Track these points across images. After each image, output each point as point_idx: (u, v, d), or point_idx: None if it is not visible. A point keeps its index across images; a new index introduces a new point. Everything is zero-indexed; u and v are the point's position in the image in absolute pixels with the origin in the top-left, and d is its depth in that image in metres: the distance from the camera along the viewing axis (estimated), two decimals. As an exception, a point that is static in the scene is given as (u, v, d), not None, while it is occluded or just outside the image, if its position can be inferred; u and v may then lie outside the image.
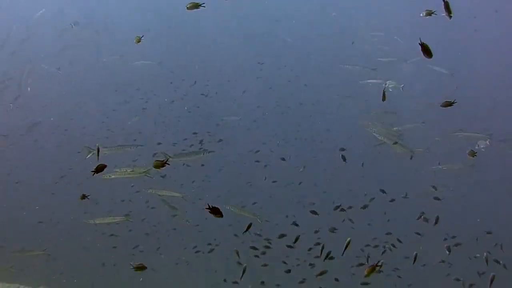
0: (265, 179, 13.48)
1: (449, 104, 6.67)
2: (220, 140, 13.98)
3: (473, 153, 9.57)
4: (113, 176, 8.11)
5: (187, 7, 6.34)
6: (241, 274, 8.60)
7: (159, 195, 9.89)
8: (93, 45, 19.04)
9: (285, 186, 13.99)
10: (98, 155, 7.50)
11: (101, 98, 17.64)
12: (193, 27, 20.61)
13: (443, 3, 5.42)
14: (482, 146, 11.80)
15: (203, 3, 6.26)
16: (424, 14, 6.23)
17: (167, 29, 21.30)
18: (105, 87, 18.03)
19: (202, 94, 16.69)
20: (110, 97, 17.63)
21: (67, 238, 13.20)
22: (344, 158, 10.83)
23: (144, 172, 8.23)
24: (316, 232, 11.57)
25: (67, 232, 13.21)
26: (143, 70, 17.35)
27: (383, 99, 8.34)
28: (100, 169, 6.46)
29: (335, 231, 10.63)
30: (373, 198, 11.35)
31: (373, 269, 5.83)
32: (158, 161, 6.52)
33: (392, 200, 11.10)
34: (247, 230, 8.04)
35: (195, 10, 6.36)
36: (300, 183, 12.84)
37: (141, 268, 6.75)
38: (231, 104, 17.55)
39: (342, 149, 11.18)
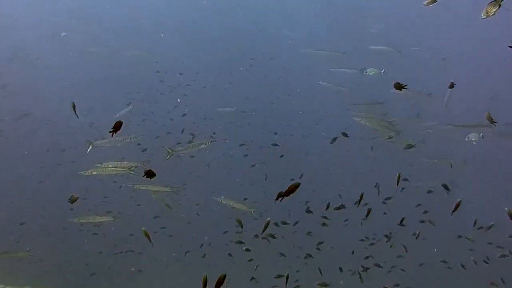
0: (265, 179, 13.23)
1: (400, 87, 6.27)
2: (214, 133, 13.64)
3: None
4: (94, 173, 7.58)
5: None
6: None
7: (153, 191, 9.53)
8: (80, 35, 18.47)
9: (276, 181, 13.73)
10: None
11: (88, 90, 17.13)
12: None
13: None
14: (473, 139, 11.52)
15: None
16: (426, 3, 5.97)
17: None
18: (91, 78, 17.54)
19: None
20: (98, 89, 17.17)
21: (53, 238, 12.83)
22: (345, 135, 10.62)
23: (129, 168, 7.69)
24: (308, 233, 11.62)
25: (53, 232, 12.83)
26: (132, 61, 16.90)
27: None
28: (117, 127, 5.51)
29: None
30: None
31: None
32: (150, 171, 6.15)
33: (388, 198, 10.90)
34: (264, 231, 7.89)
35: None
36: (291, 179, 12.52)
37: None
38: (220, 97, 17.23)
39: (344, 134, 10.76)
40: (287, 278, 8.01)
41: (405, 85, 6.15)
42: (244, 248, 10.57)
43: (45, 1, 19.56)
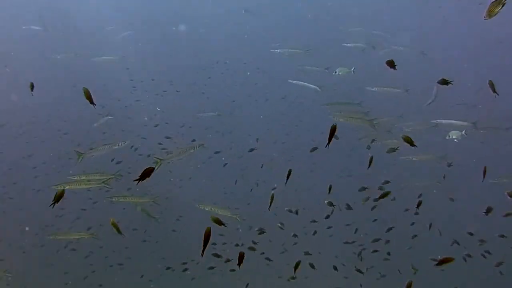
0: (257, 185, 12.92)
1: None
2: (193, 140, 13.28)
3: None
4: (67, 187, 7.05)
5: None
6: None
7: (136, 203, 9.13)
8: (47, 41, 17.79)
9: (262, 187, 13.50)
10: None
11: (63, 98, 16.51)
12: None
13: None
14: (454, 137, 11.41)
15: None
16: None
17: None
18: (65, 85, 16.90)
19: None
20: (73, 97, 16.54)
21: (31, 255, 12.24)
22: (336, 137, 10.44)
23: (103, 181, 7.35)
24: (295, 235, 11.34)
25: (30, 249, 12.23)
26: (105, 66, 16.35)
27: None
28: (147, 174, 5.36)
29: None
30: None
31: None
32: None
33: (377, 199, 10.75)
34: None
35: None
36: (274, 188, 12.24)
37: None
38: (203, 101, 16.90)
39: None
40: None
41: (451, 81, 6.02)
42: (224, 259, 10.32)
43: (13, 5, 18.76)
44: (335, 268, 10.88)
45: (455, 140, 11.27)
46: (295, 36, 19.31)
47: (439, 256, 6.91)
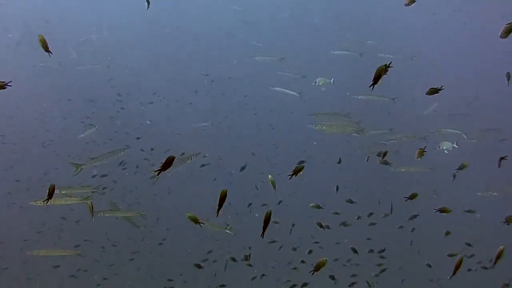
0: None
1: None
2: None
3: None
4: (47, 203, 6.66)
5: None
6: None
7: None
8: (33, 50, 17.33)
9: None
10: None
11: (43, 108, 16.05)
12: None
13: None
14: (444, 148, 11.31)
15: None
16: (407, 3, 6.07)
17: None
18: (46, 93, 16.47)
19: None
20: (53, 106, 16.13)
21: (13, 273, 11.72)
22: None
23: (85, 198, 6.92)
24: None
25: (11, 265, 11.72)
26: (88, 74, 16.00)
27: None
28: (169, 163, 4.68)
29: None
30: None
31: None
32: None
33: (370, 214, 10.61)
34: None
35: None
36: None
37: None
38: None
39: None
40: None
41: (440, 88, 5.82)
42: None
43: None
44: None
45: (446, 152, 11.19)
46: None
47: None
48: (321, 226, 8.97)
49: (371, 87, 4.19)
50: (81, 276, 11.35)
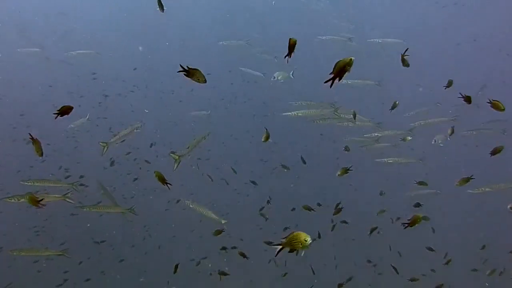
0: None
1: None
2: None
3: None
4: (21, 200, 6.41)
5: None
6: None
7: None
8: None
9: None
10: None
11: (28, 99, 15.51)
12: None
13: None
14: (440, 142, 11.16)
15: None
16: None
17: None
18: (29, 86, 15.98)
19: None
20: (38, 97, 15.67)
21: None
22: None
23: (64, 195, 6.82)
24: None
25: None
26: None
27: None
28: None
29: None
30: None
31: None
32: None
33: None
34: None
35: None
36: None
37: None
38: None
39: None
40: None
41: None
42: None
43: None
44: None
45: (441, 145, 11.02)
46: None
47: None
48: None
49: (329, 82, 3.16)
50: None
